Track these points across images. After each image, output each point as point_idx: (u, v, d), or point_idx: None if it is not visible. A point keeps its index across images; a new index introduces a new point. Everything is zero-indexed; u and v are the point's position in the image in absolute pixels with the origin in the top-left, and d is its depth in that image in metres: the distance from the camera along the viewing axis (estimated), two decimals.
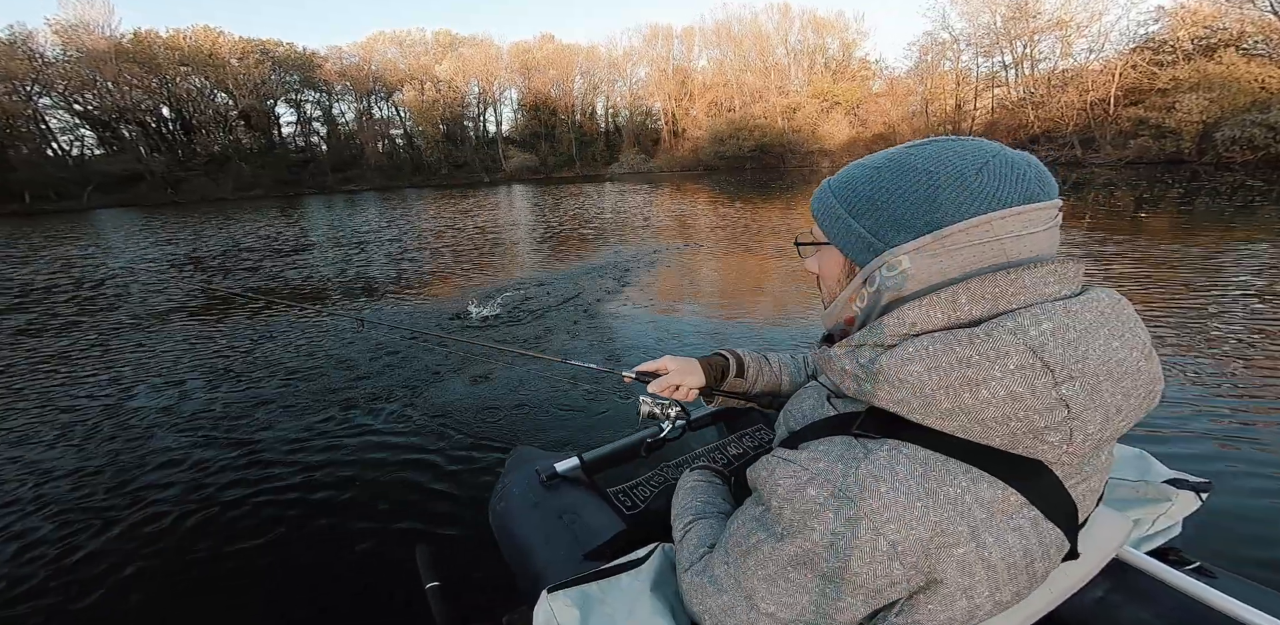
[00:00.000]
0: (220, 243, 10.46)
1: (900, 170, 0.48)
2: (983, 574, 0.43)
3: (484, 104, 43.24)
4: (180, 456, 2.36)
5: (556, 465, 1.05)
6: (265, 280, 6.62)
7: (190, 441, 2.50)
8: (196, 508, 1.97)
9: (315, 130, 42.24)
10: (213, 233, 12.31)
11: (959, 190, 0.45)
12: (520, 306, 4.58)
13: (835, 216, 0.52)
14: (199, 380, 3.30)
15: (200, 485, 2.12)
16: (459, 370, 3.14)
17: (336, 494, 2.01)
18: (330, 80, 39.35)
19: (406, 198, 22.90)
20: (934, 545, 0.42)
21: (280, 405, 2.83)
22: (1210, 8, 21.37)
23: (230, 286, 6.28)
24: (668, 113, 40.89)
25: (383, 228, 11.70)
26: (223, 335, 4.24)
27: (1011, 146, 0.49)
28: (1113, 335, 0.44)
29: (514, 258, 7.40)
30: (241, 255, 8.73)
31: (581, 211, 12.85)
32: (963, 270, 0.45)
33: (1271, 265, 4.65)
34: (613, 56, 42.77)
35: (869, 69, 37.41)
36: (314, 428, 2.55)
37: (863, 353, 0.49)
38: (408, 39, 42.75)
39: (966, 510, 0.42)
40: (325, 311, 4.68)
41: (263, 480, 2.13)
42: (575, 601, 0.63)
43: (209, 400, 2.96)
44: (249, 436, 2.51)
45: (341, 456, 2.29)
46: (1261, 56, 19.55)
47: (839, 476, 0.45)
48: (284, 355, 3.65)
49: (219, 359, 3.67)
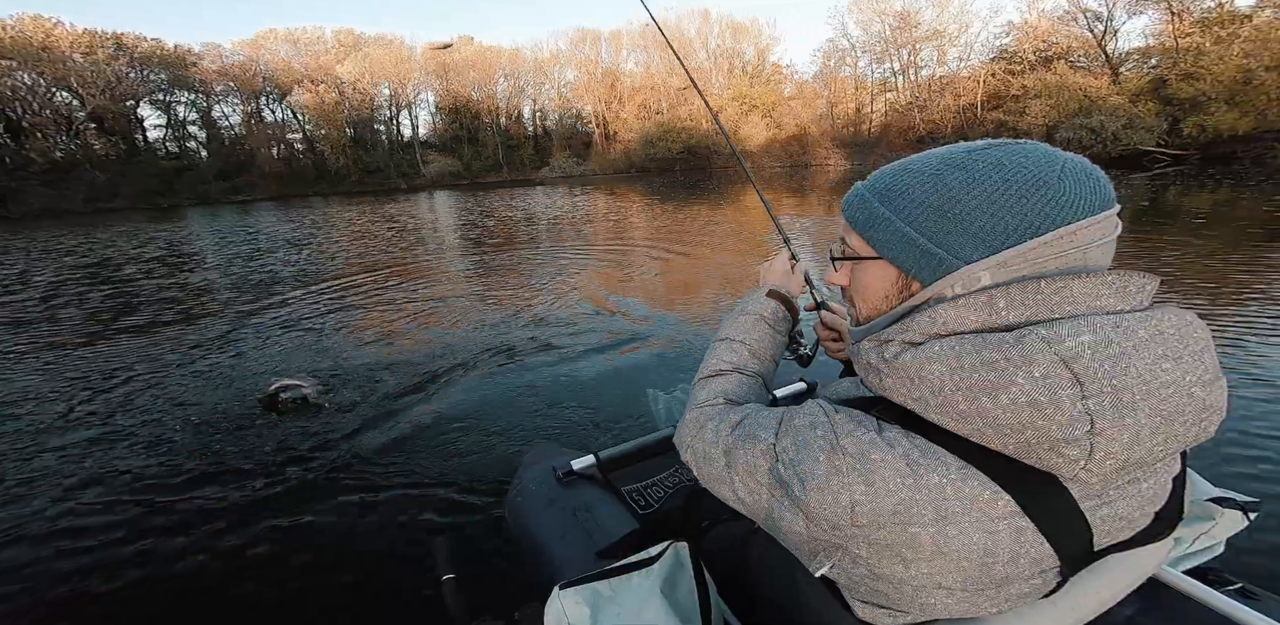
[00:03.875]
0: (54, 264, 8.34)
1: (970, 177, 0.44)
2: (928, 554, 0.43)
3: (397, 107, 40.14)
4: (191, 447, 2.36)
5: (573, 463, 1.06)
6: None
7: (206, 435, 2.46)
8: (210, 499, 1.94)
9: (192, 134, 37.07)
10: (40, 254, 9.97)
11: (1044, 199, 0.41)
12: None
13: (889, 228, 0.47)
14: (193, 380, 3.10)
15: (215, 478, 2.08)
16: (481, 365, 3.15)
17: (357, 484, 2.00)
18: (209, 80, 34.82)
19: (313, 206, 20.88)
20: (892, 520, 0.43)
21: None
22: (1046, 24, 24.95)
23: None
24: (599, 115, 40.21)
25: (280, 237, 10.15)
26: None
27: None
28: (1166, 356, 0.39)
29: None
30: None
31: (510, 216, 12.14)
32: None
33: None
34: (539, 59, 41.41)
35: (781, 73, 39.01)
36: (338, 416, 2.55)
37: (889, 348, 0.47)
38: (304, 37, 38.89)
39: (942, 499, 0.41)
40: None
41: (283, 471, 2.11)
42: (586, 599, 0.64)
43: (215, 400, 2.87)
44: (265, 429, 2.47)
45: (363, 447, 2.27)
46: (1083, 68, 23.18)
47: (845, 432, 0.46)
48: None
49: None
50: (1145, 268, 4.42)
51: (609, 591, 0.65)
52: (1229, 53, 17.37)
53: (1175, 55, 19.51)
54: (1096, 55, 23.65)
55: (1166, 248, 5.08)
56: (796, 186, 16.34)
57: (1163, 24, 21.28)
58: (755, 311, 0.75)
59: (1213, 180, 11.31)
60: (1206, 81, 17.35)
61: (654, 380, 2.75)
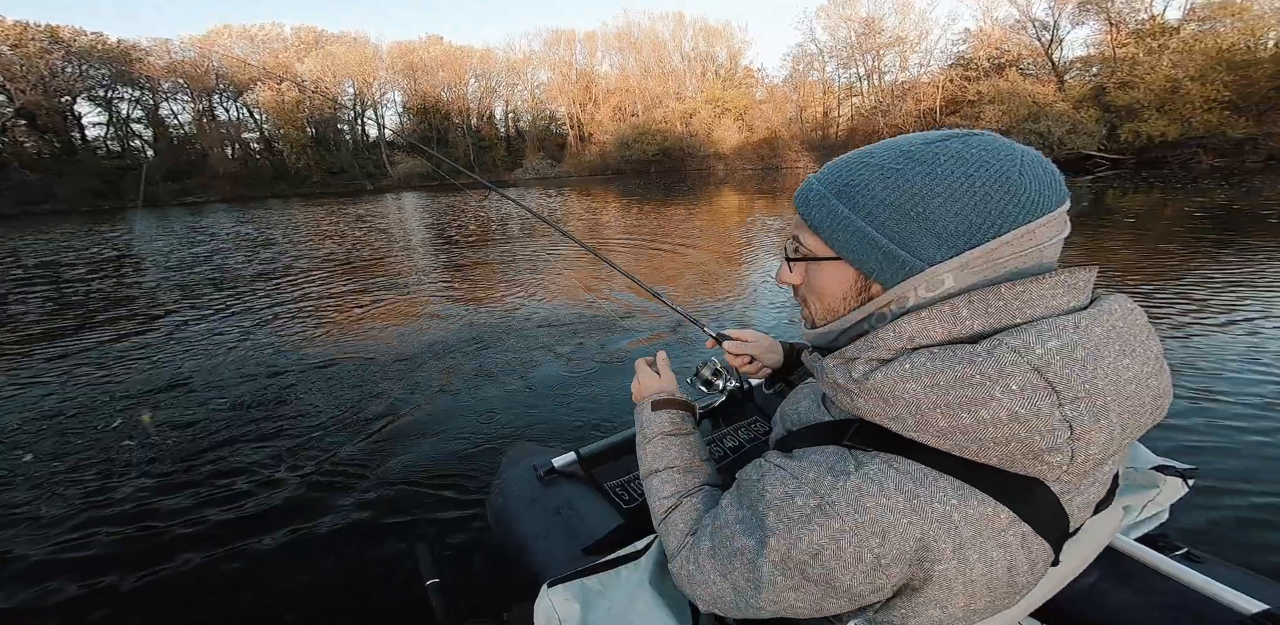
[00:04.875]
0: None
1: (930, 172, 0.42)
2: (960, 589, 0.42)
3: (362, 106, 38.74)
4: (169, 450, 2.25)
5: (554, 460, 1.05)
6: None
7: (187, 437, 2.36)
8: (185, 506, 1.87)
9: (137, 133, 34.83)
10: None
11: (1007, 196, 0.40)
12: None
13: (847, 227, 0.45)
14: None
15: (189, 483, 1.99)
16: (462, 365, 3.03)
17: (333, 491, 1.92)
18: (155, 76, 32.90)
19: (269, 208, 19.99)
20: (917, 559, 0.42)
21: (275, 403, 2.64)
22: (999, 33, 26.05)
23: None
24: (573, 117, 39.78)
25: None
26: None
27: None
28: (1123, 352, 0.41)
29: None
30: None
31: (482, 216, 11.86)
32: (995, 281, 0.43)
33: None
34: (511, 60, 40.74)
35: (753, 77, 39.43)
36: (308, 422, 2.43)
37: (856, 367, 0.45)
38: (260, 34, 37.27)
39: (953, 528, 0.41)
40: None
41: (255, 476, 2.02)
42: (575, 595, 0.63)
43: (188, 399, 2.74)
44: (240, 432, 2.36)
45: (338, 453, 2.16)
46: (1032, 76, 24.26)
47: (827, 488, 0.43)
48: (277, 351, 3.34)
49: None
50: (1096, 261, 4.26)
51: (598, 586, 0.64)
52: (1159, 63, 18.17)
53: (1113, 64, 20.46)
54: (1044, 63, 24.75)
55: (1108, 242, 5.64)
56: (768, 188, 16.64)
57: (1102, 34, 22.44)
58: (657, 431, 0.72)
59: (1146, 183, 11.96)
60: (1140, 90, 18.17)
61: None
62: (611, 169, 33.25)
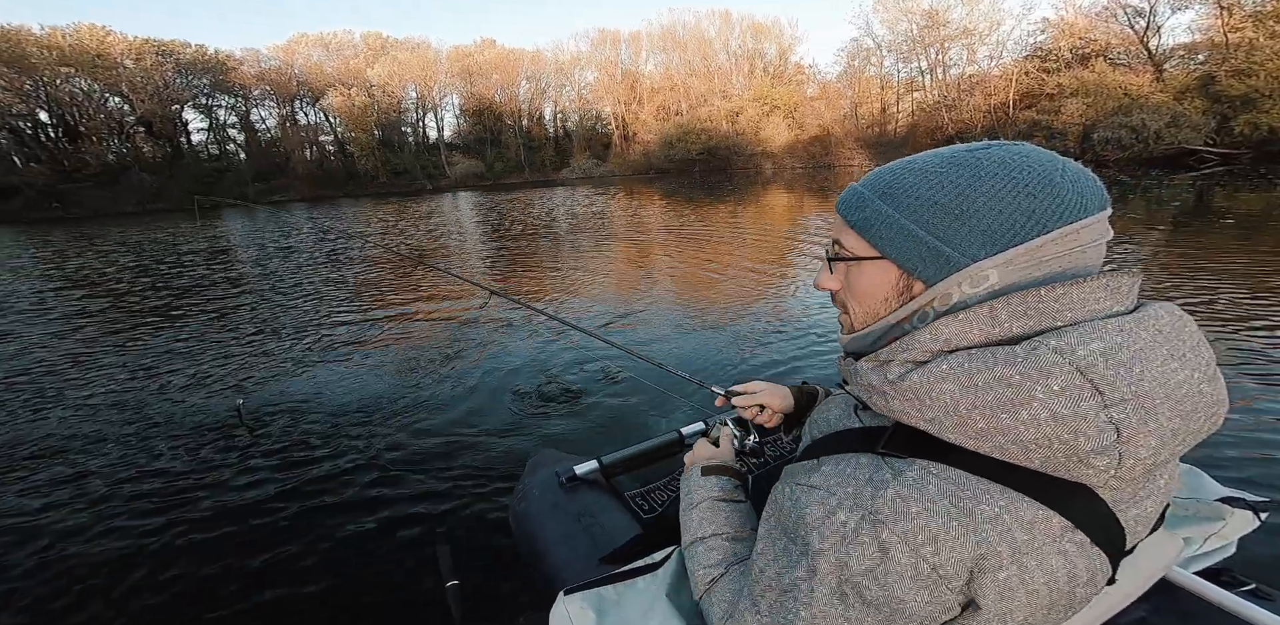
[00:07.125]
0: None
1: (975, 173, 0.43)
2: (1023, 599, 0.40)
3: (423, 109, 41.25)
4: (195, 452, 2.37)
5: (576, 468, 1.05)
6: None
7: (213, 437, 2.51)
8: (211, 507, 1.96)
9: (231, 138, 38.78)
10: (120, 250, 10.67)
11: (1051, 196, 0.41)
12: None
13: (891, 225, 0.45)
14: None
15: (214, 485, 2.09)
16: (491, 373, 3.11)
17: (360, 491, 2.01)
18: (247, 84, 36.29)
19: (342, 207, 21.49)
20: (976, 568, 0.39)
21: (313, 402, 2.82)
22: (1084, 21, 23.98)
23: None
24: (618, 117, 40.57)
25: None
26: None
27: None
28: (1172, 356, 0.40)
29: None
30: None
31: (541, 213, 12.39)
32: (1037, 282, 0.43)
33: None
34: (559, 61, 41.95)
35: (804, 73, 38.70)
36: (339, 424, 2.56)
37: (891, 369, 0.45)
38: (334, 41, 40.20)
39: (1006, 530, 0.39)
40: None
41: (286, 475, 2.13)
42: (591, 604, 0.63)
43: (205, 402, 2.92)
44: (272, 431, 2.53)
45: (366, 454, 2.27)
46: (1123, 66, 22.17)
47: (868, 498, 0.42)
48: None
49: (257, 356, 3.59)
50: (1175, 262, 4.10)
51: (614, 596, 0.64)
52: None
53: (1225, 51, 18.67)
54: (1138, 52, 22.66)
55: (1189, 243, 5.24)
56: (819, 187, 16.25)
57: (1211, 18, 20.33)
58: (705, 495, 0.70)
59: (1265, 180, 10.88)
60: (1260, 78, 16.39)
61: (661, 382, 2.63)
62: (655, 168, 33.61)
